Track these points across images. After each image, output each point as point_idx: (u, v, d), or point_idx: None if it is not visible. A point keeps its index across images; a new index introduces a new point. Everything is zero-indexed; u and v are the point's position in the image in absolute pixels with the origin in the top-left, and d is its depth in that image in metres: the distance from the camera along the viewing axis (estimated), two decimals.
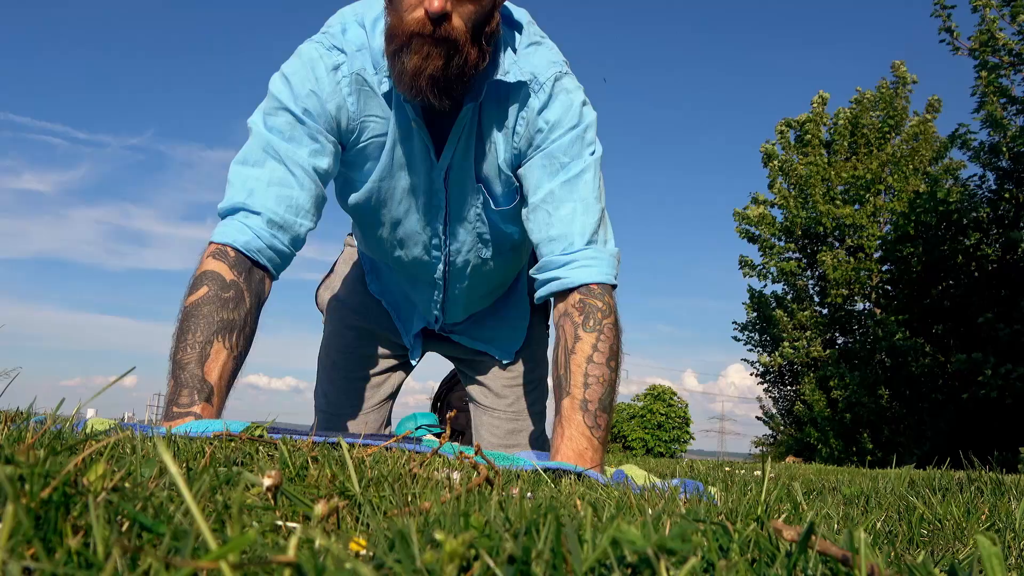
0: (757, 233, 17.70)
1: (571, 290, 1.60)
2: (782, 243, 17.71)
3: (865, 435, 15.02)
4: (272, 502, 0.61)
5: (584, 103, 1.66)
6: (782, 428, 18.65)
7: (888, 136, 17.33)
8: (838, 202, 16.79)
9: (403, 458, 1.00)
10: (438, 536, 0.42)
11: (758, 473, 2.06)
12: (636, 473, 1.52)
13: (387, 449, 1.11)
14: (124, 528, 0.47)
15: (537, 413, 2.20)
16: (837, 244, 17.24)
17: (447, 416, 1.13)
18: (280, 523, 0.55)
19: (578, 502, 0.76)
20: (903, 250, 14.74)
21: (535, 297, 1.70)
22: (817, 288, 17.67)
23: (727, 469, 2.38)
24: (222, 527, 0.52)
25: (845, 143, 17.55)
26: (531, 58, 1.64)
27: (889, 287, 16.23)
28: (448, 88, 1.51)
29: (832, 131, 17.79)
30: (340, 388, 2.17)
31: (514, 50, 1.63)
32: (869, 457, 13.59)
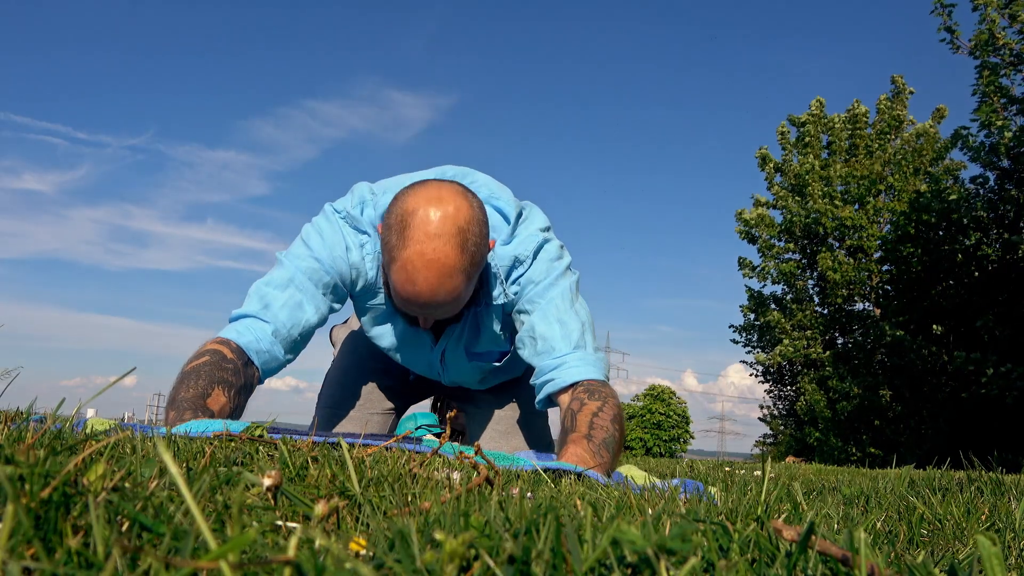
0: (757, 234, 17.72)
1: (568, 387, 1.72)
2: (782, 244, 17.72)
3: (865, 435, 15.02)
4: (272, 502, 0.61)
5: (558, 258, 1.84)
6: (782, 428, 18.65)
7: (888, 137, 17.36)
8: (837, 202, 16.80)
9: (403, 458, 1.00)
10: (438, 536, 0.42)
11: (758, 473, 2.06)
12: (636, 474, 1.52)
13: (387, 449, 1.11)
14: (124, 528, 0.47)
15: (531, 414, 2.21)
16: (837, 245, 17.24)
17: (447, 416, 1.13)
18: (280, 523, 0.55)
19: (578, 502, 0.76)
20: (903, 250, 14.72)
21: (535, 403, 1.82)
22: (817, 289, 17.67)
23: (727, 469, 2.38)
24: (222, 527, 0.52)
25: (844, 146, 17.60)
26: (515, 242, 1.82)
27: (889, 287, 16.22)
28: (443, 330, 1.89)
29: (831, 134, 17.85)
30: (348, 391, 2.20)
31: (503, 243, 1.83)
32: (868, 458, 13.58)
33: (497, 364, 2.00)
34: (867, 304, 17.00)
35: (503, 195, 1.86)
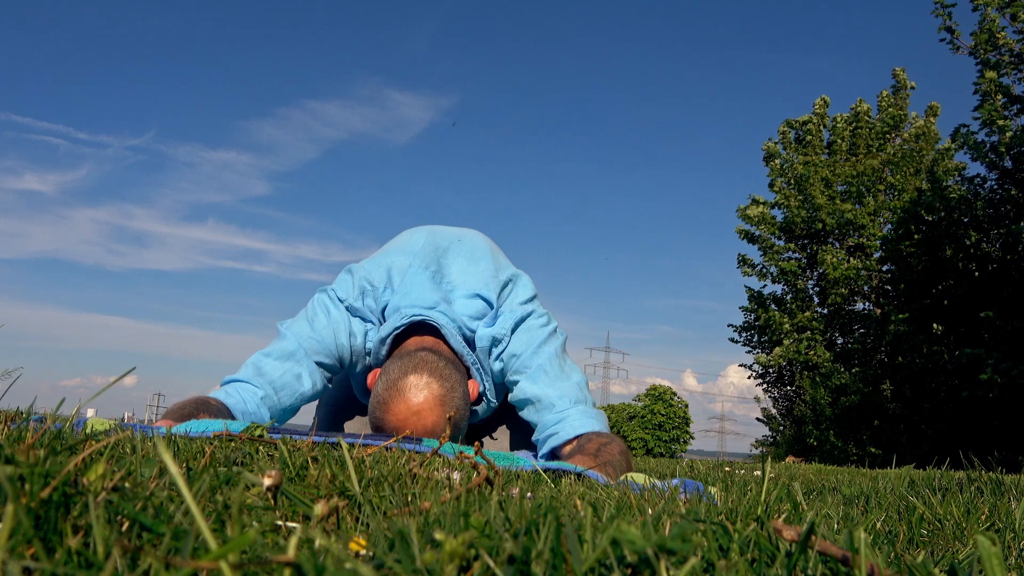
0: (757, 233, 17.69)
1: (572, 439, 1.75)
2: (782, 242, 17.70)
3: (865, 435, 15.01)
4: (272, 502, 0.61)
5: (541, 326, 1.92)
6: (782, 428, 18.63)
7: (889, 136, 17.35)
8: (838, 200, 16.78)
9: (403, 458, 1.00)
10: (438, 536, 0.42)
11: (758, 473, 2.06)
12: (636, 475, 1.52)
13: (387, 449, 1.11)
14: (124, 528, 0.47)
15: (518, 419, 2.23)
16: (837, 244, 17.22)
17: (447, 416, 1.13)
18: (280, 523, 0.55)
19: (578, 502, 0.76)
20: (904, 249, 14.70)
21: (538, 456, 1.86)
22: (817, 288, 17.64)
23: (727, 469, 2.38)
24: (222, 527, 0.52)
25: (845, 145, 17.59)
26: (497, 324, 1.90)
27: (889, 287, 16.20)
28: None
29: (832, 131, 17.85)
30: (349, 391, 2.20)
31: (485, 326, 1.90)
32: (868, 458, 13.58)
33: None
34: (867, 304, 16.99)
35: (486, 274, 1.94)
